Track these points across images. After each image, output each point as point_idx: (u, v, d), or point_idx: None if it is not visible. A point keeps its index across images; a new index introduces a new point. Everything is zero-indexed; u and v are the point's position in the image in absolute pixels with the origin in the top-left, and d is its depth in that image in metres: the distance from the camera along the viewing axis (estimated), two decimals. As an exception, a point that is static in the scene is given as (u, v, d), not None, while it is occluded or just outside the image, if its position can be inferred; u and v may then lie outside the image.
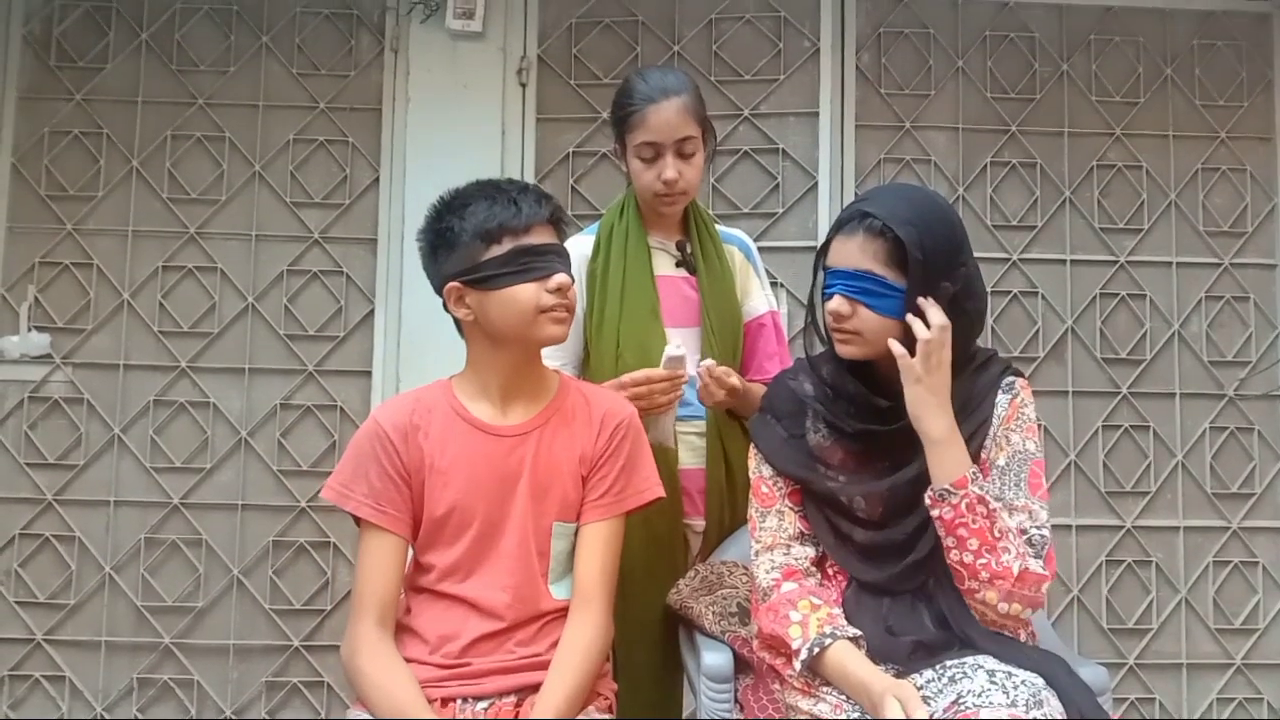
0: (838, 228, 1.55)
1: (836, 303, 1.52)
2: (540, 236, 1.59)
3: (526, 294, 1.57)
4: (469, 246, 1.57)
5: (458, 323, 1.66)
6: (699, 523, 1.99)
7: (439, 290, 1.63)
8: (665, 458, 1.89)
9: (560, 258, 1.61)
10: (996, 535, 1.43)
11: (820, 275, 1.58)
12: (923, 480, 1.48)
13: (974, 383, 1.57)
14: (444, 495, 1.60)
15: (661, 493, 1.70)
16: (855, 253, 1.51)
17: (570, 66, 3.04)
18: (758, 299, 2.09)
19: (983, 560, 1.43)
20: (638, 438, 1.70)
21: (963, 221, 1.58)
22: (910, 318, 1.47)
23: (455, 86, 2.98)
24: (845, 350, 1.54)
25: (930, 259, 1.47)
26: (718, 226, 2.10)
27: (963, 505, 1.43)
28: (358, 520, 1.61)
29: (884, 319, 1.50)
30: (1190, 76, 3.10)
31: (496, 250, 1.57)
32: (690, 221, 2.04)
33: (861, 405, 1.57)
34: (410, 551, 1.65)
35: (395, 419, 1.62)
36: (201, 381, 2.94)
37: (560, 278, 1.58)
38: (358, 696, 1.56)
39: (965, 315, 1.52)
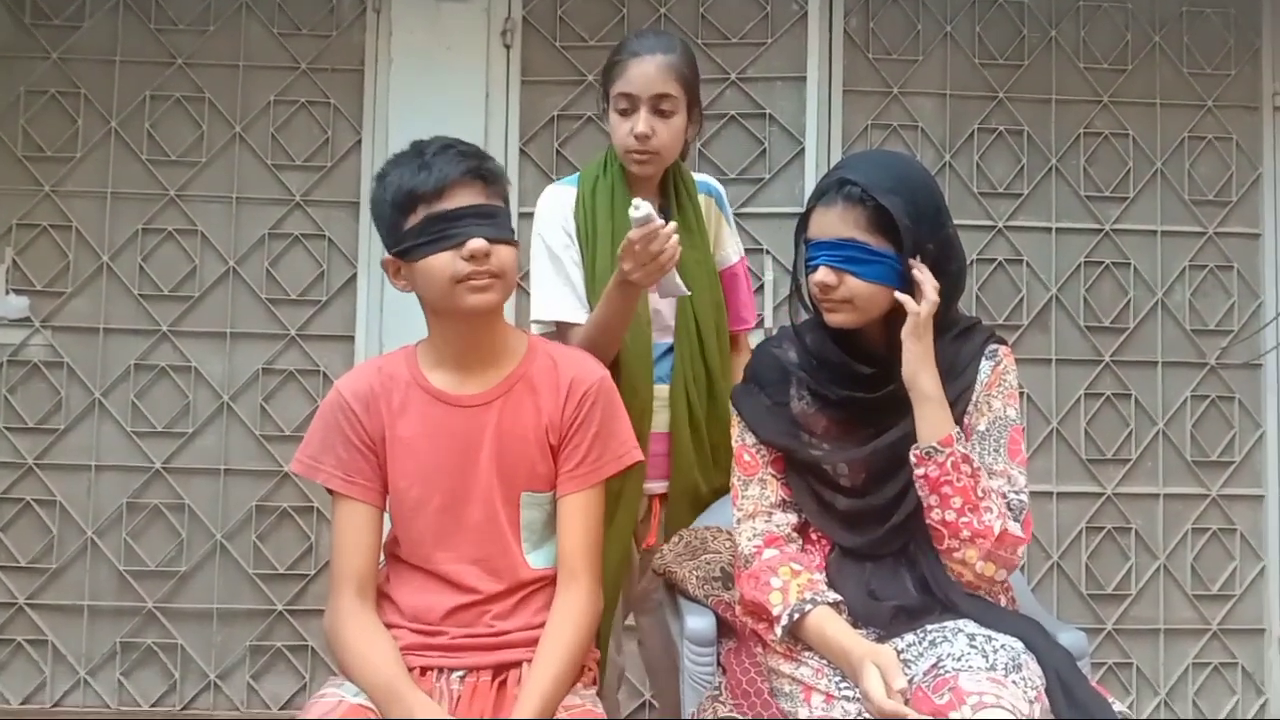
0: (816, 198, 1.54)
1: (823, 274, 1.51)
2: (457, 199, 1.49)
3: (441, 264, 1.49)
4: (392, 218, 1.52)
5: None
6: (659, 485, 1.93)
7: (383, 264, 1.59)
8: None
9: (481, 219, 1.49)
10: (980, 495, 1.44)
11: (802, 247, 1.57)
12: (903, 445, 1.49)
13: (959, 349, 1.57)
14: (405, 466, 1.57)
15: (640, 456, 1.66)
16: (836, 222, 1.50)
17: (555, 28, 3.00)
18: (730, 247, 2.06)
19: (965, 519, 1.44)
20: (610, 401, 1.64)
21: (940, 186, 1.58)
22: (916, 275, 1.48)
23: (439, 48, 2.94)
24: (835, 319, 1.54)
25: (916, 225, 1.48)
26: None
27: (948, 464, 1.45)
28: (331, 491, 1.59)
29: (872, 285, 1.50)
30: (1178, 44, 3.08)
31: (412, 220, 1.50)
32: (670, 184, 1.97)
33: (845, 373, 1.57)
34: (388, 519, 1.64)
35: (356, 387, 1.59)
36: (183, 346, 2.92)
37: (474, 244, 1.47)
38: (340, 667, 1.55)
39: (948, 277, 1.52)
